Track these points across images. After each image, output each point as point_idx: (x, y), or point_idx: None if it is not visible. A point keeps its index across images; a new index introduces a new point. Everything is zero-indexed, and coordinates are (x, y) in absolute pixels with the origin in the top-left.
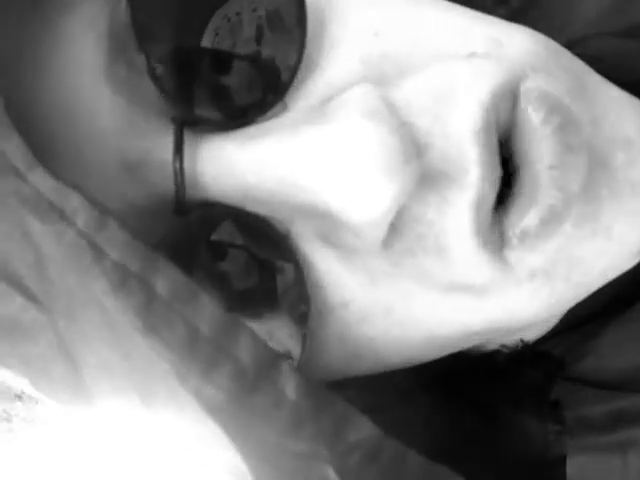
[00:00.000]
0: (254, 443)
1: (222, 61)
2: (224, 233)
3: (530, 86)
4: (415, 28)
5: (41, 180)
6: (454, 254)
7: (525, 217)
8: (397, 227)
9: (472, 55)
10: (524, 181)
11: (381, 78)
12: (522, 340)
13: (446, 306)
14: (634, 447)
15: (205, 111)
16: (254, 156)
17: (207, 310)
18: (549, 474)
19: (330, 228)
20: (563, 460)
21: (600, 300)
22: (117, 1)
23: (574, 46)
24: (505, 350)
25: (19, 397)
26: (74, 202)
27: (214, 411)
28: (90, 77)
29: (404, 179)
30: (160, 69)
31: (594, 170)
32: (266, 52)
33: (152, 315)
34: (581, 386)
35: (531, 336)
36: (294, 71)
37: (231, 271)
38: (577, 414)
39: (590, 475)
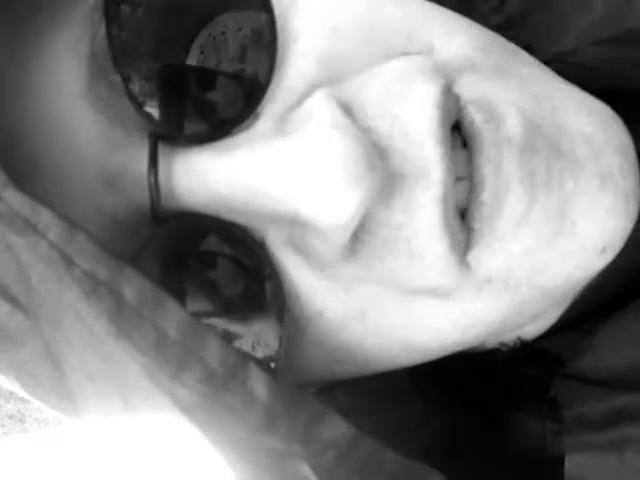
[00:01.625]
0: (230, 441)
1: (195, 80)
2: (201, 242)
3: (468, 84)
4: (370, 27)
5: (15, 198)
6: (424, 256)
7: (473, 203)
8: (365, 232)
9: (419, 53)
10: (483, 179)
11: (336, 77)
12: (520, 338)
13: (415, 311)
14: (631, 445)
15: (179, 126)
16: (226, 167)
17: (174, 315)
18: (547, 473)
19: (301, 235)
20: (561, 459)
21: (598, 298)
22: (97, 26)
23: (567, 55)
24: (504, 348)
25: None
26: (45, 217)
27: (187, 411)
28: (71, 96)
29: (369, 185)
30: (136, 89)
31: (555, 161)
32: (237, 69)
33: (122, 320)
34: (579, 384)
35: (529, 334)
36: (266, 85)
37: (209, 278)
38: (575, 412)
39: (588, 473)
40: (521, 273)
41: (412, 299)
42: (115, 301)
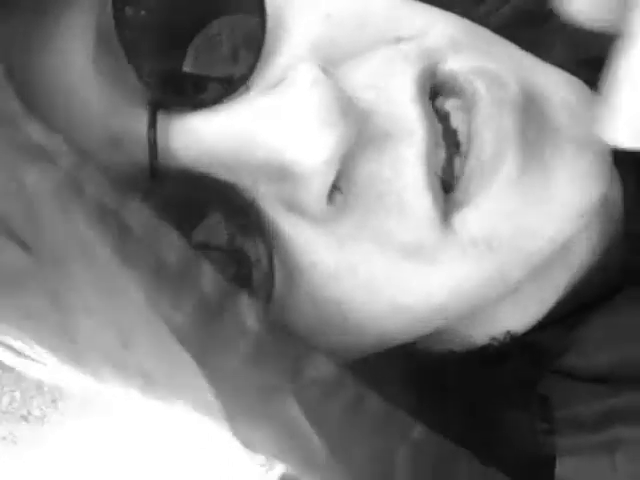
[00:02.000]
0: (221, 371)
1: (191, 55)
2: (195, 199)
3: (463, 59)
4: (362, 14)
5: (32, 127)
6: (410, 210)
7: (465, 165)
8: (358, 186)
9: (411, 38)
10: (483, 139)
11: (328, 60)
12: (509, 332)
13: (403, 271)
14: (622, 447)
15: (176, 94)
16: (217, 125)
17: (174, 245)
18: (539, 472)
19: (288, 190)
20: (551, 459)
21: (585, 294)
22: (104, 5)
23: None
24: (494, 343)
25: (25, 418)
26: (59, 145)
27: (183, 338)
28: (80, 66)
29: (342, 130)
30: (139, 61)
31: (543, 127)
32: (230, 48)
33: (126, 248)
34: (569, 381)
35: (518, 328)
36: (255, 60)
37: (201, 233)
38: (565, 413)
39: (579, 475)
40: (505, 235)
41: (402, 259)
42: (120, 228)
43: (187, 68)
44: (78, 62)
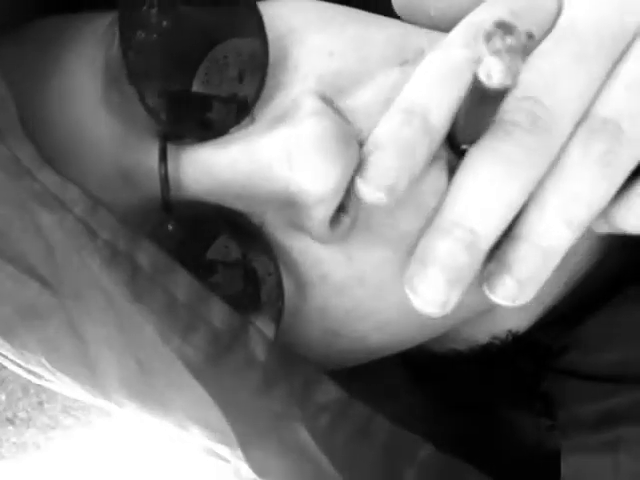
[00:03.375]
0: (233, 402)
1: (199, 88)
2: (206, 227)
3: None
4: (362, 48)
5: (47, 177)
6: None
7: None
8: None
9: (405, 63)
10: None
11: (336, 90)
12: (511, 331)
13: None
14: (625, 446)
15: (185, 127)
16: (227, 157)
17: (183, 280)
18: (542, 470)
19: (295, 215)
20: (555, 455)
21: (586, 291)
22: (111, 41)
23: None
24: (497, 342)
25: (11, 421)
26: (73, 194)
27: (195, 370)
28: (89, 102)
29: (347, 161)
30: (147, 96)
31: None
32: (235, 83)
33: (138, 286)
34: (572, 380)
35: (520, 327)
36: (258, 93)
37: (212, 259)
38: (568, 412)
39: (583, 475)
40: None
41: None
42: (132, 268)
43: (194, 99)
44: (88, 99)
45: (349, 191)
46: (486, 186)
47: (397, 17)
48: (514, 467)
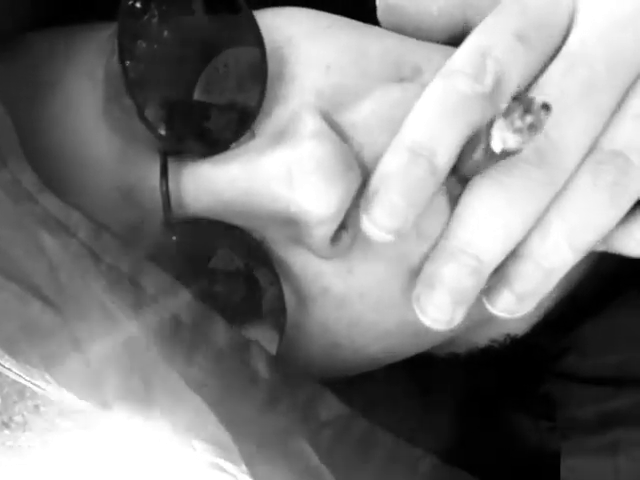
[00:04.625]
0: (237, 420)
1: (198, 104)
2: (207, 244)
3: None
4: (359, 61)
5: (49, 201)
6: (433, 233)
7: None
8: None
9: (403, 80)
10: None
11: (335, 104)
12: (509, 335)
13: (411, 289)
14: (624, 448)
15: (186, 143)
16: (227, 175)
17: (186, 302)
18: (541, 472)
19: (294, 230)
20: (554, 457)
21: (584, 295)
22: (111, 53)
23: None
24: (495, 345)
25: (6, 425)
26: (76, 218)
27: (199, 389)
28: (89, 117)
29: (347, 184)
30: (147, 111)
31: None
32: (235, 93)
33: (141, 307)
34: (571, 383)
35: (517, 330)
36: (258, 106)
37: (213, 276)
38: (568, 415)
39: (583, 477)
40: None
41: (411, 278)
42: (135, 291)
43: (194, 112)
44: (88, 113)
45: (349, 210)
46: (492, 216)
47: None
48: (514, 469)
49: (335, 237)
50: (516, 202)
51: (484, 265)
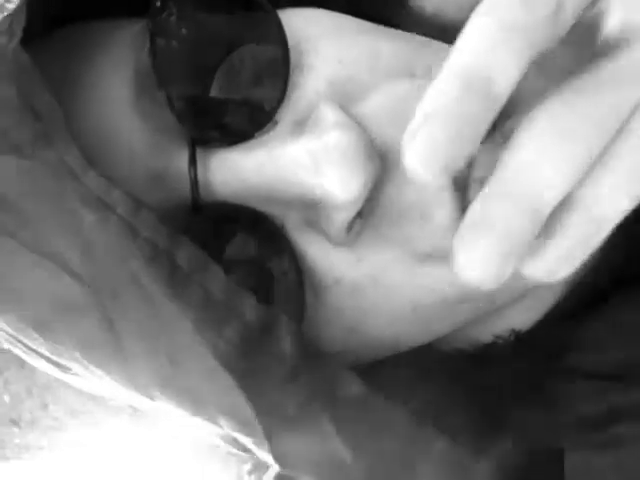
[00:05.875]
0: (260, 392)
1: (225, 94)
2: (232, 227)
3: None
4: (370, 58)
5: (92, 180)
6: (433, 219)
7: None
8: (377, 206)
9: (413, 76)
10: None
11: (346, 96)
12: (514, 330)
13: (421, 275)
14: (627, 444)
15: (213, 132)
16: (253, 162)
17: (218, 278)
18: (545, 469)
19: (315, 216)
20: (558, 452)
21: (587, 291)
22: (141, 47)
23: None
24: (499, 341)
25: (15, 423)
26: (116, 195)
27: (226, 363)
28: (120, 109)
29: (369, 173)
30: (177, 102)
31: None
32: (258, 85)
33: (176, 282)
34: (575, 378)
35: (522, 325)
36: (281, 97)
37: (237, 258)
38: (571, 410)
39: (586, 473)
40: None
41: (419, 263)
42: (171, 266)
43: (220, 104)
44: (120, 104)
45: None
46: (558, 140)
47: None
48: (517, 464)
49: (350, 225)
50: (585, 128)
51: (543, 204)
